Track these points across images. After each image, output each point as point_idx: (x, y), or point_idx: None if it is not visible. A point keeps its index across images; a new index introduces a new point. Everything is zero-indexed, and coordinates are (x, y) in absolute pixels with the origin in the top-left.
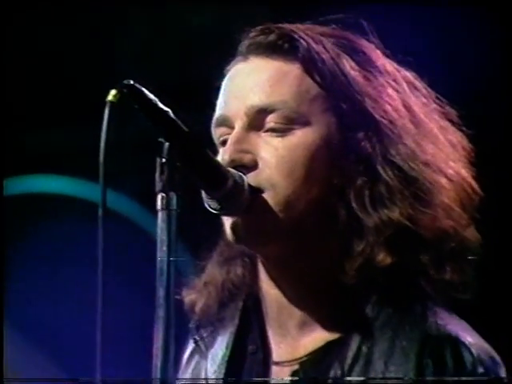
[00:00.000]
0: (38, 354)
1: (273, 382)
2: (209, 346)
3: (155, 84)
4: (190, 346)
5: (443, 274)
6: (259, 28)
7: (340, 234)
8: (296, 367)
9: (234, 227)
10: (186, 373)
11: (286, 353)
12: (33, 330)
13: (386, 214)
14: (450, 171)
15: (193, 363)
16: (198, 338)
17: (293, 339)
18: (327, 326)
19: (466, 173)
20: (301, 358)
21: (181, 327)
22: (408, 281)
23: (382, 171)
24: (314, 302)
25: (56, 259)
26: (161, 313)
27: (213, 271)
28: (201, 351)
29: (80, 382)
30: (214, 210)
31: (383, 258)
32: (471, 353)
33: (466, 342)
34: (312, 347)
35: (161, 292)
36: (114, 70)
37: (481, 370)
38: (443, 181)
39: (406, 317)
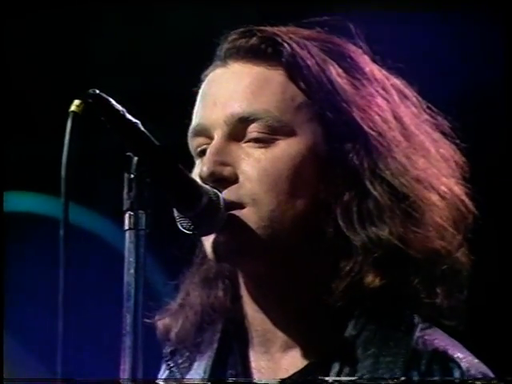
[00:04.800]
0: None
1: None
2: (184, 373)
3: (125, 93)
4: (164, 374)
5: (434, 297)
6: (239, 31)
7: (327, 252)
8: None
9: (215, 246)
10: None
11: (267, 375)
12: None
13: (375, 233)
14: (443, 188)
15: None
16: (172, 365)
17: (275, 363)
18: (309, 347)
19: (459, 190)
20: (284, 380)
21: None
22: (397, 304)
23: (370, 186)
24: (297, 323)
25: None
26: (128, 342)
27: (190, 293)
28: (175, 378)
29: (75, 382)
30: (187, 229)
31: (372, 279)
32: (460, 367)
33: (455, 356)
34: (293, 369)
35: (128, 319)
36: (83, 80)
37: None
38: (435, 198)
39: (391, 333)
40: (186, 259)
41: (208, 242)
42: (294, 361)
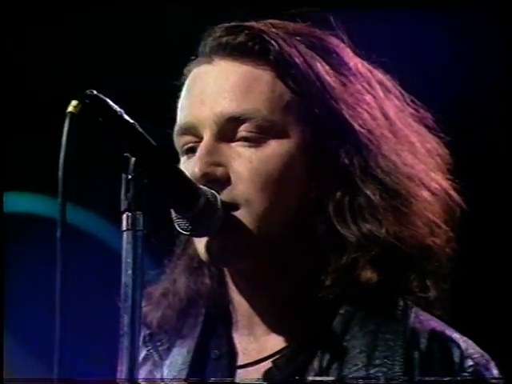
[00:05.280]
0: None
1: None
2: (163, 355)
3: (122, 93)
4: (142, 353)
5: (427, 291)
6: (224, 27)
7: (320, 249)
8: (269, 366)
9: (209, 247)
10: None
11: (252, 355)
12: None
13: (369, 229)
14: (433, 184)
15: (144, 372)
16: (150, 347)
17: (260, 344)
18: (298, 330)
19: (446, 184)
20: (270, 356)
21: None
22: (391, 296)
23: (361, 184)
24: (284, 309)
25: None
26: (125, 343)
27: (176, 280)
28: (154, 360)
29: (75, 382)
30: (184, 230)
31: (370, 275)
32: (459, 346)
33: (453, 336)
34: (280, 346)
35: (125, 319)
36: (83, 80)
37: (470, 363)
38: (426, 194)
39: (387, 312)
40: (167, 249)
41: (201, 243)
42: (279, 340)
